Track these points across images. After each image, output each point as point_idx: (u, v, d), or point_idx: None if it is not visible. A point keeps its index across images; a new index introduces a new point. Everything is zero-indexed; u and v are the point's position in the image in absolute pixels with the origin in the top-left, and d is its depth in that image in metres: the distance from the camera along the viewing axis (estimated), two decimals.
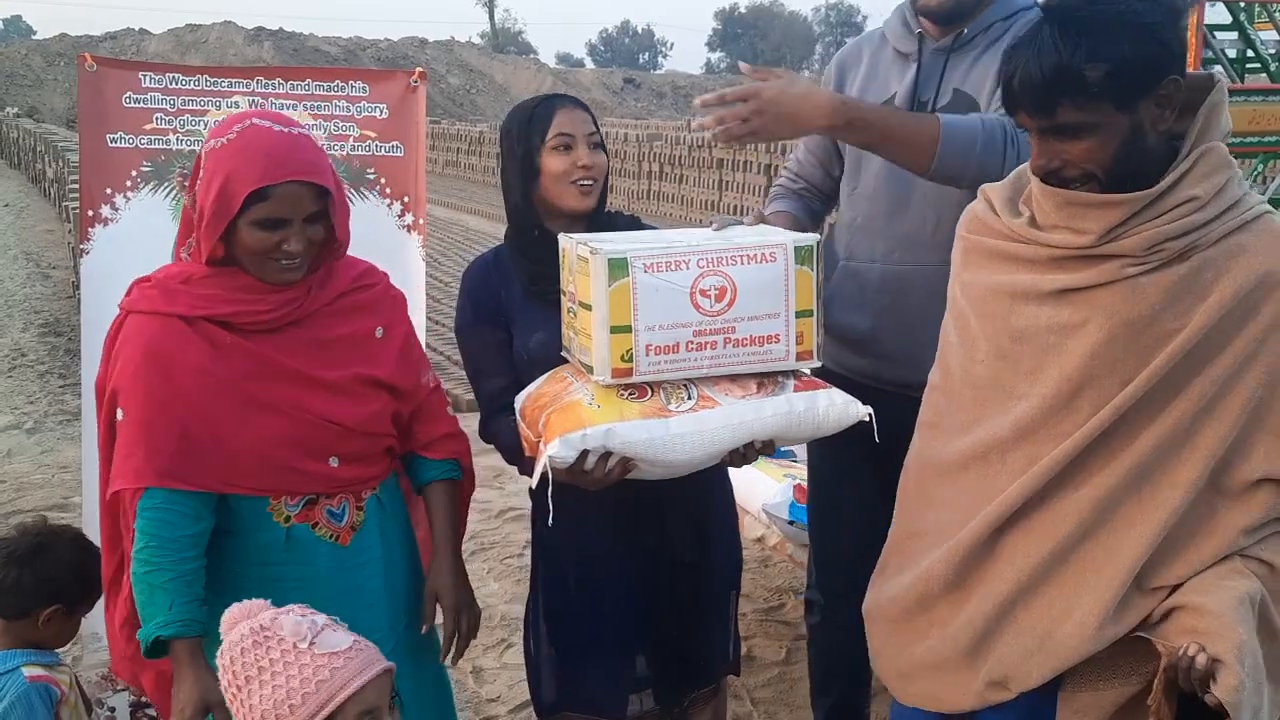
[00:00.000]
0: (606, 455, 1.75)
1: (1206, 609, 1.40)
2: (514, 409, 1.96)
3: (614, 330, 1.74)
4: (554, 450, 1.73)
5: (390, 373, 1.87)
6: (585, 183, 1.98)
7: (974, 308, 1.66)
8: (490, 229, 14.10)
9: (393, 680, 1.49)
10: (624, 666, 2.11)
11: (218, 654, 1.45)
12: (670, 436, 1.76)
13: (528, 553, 4.12)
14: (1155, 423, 1.45)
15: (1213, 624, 1.37)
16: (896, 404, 2.17)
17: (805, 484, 3.00)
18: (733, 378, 1.84)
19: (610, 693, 2.09)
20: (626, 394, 1.79)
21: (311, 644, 1.39)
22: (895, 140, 1.96)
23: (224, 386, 1.71)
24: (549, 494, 1.73)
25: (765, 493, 3.41)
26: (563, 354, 1.95)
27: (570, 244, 1.86)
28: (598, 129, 2.04)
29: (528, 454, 1.91)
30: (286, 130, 1.73)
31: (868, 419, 1.85)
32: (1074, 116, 1.43)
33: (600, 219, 2.06)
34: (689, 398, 1.80)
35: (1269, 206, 1.48)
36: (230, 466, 1.73)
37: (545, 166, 1.98)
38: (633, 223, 2.12)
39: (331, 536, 1.84)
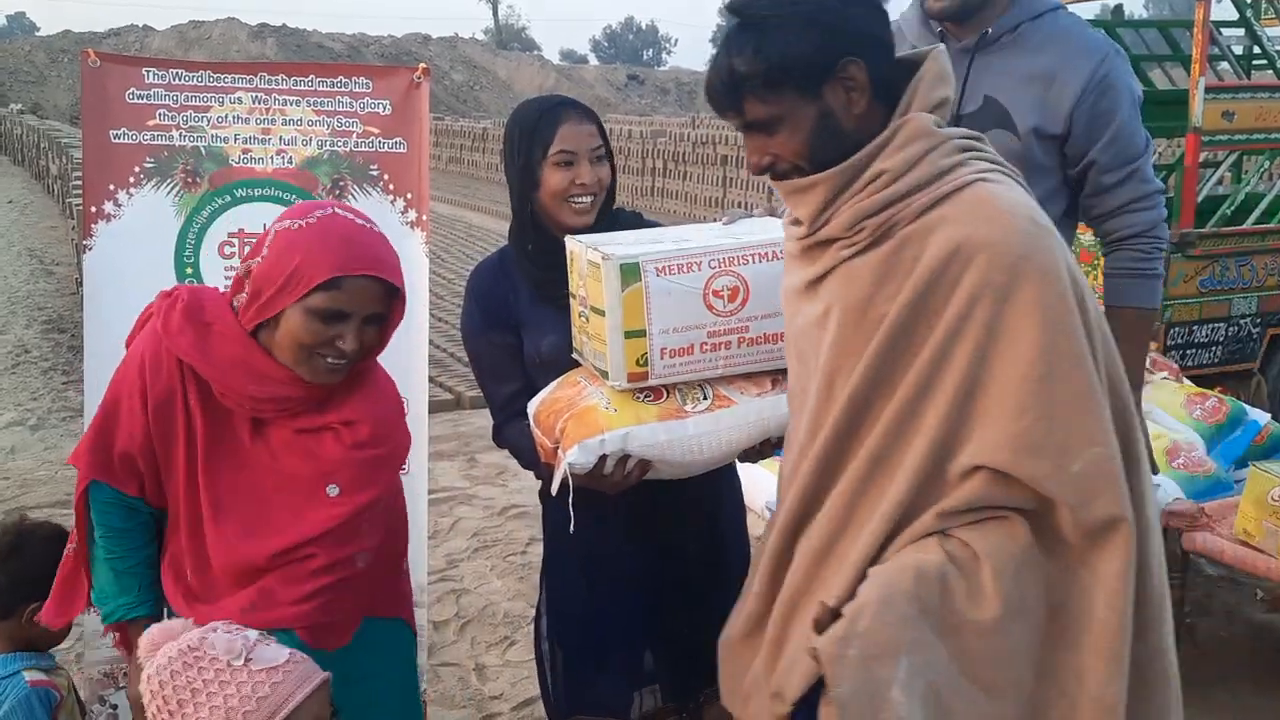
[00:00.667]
0: (625, 458, 1.75)
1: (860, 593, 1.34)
2: (527, 414, 1.95)
3: (628, 335, 1.74)
4: (573, 457, 1.73)
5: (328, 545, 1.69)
6: (582, 200, 1.95)
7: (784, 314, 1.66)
8: (494, 225, 14.10)
9: (330, 691, 1.44)
10: (633, 665, 2.10)
11: (142, 680, 1.36)
12: (688, 437, 1.76)
13: (531, 550, 4.15)
14: (885, 411, 1.39)
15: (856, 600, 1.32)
16: None
17: None
18: (747, 375, 1.84)
19: (620, 693, 2.09)
20: (642, 396, 1.80)
21: (247, 660, 1.34)
22: (1146, 347, 2.31)
23: (172, 430, 1.69)
24: (570, 501, 1.73)
25: (769, 490, 3.39)
26: (574, 356, 1.93)
27: (579, 248, 1.84)
28: (604, 138, 2.00)
29: (544, 460, 1.90)
30: (367, 225, 1.69)
31: None
32: (761, 111, 1.42)
33: (602, 218, 2.04)
34: (705, 398, 1.80)
35: (984, 176, 1.38)
36: (163, 497, 1.74)
37: (545, 181, 1.95)
38: (635, 219, 2.10)
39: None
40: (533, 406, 1.94)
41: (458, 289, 9.63)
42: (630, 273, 1.72)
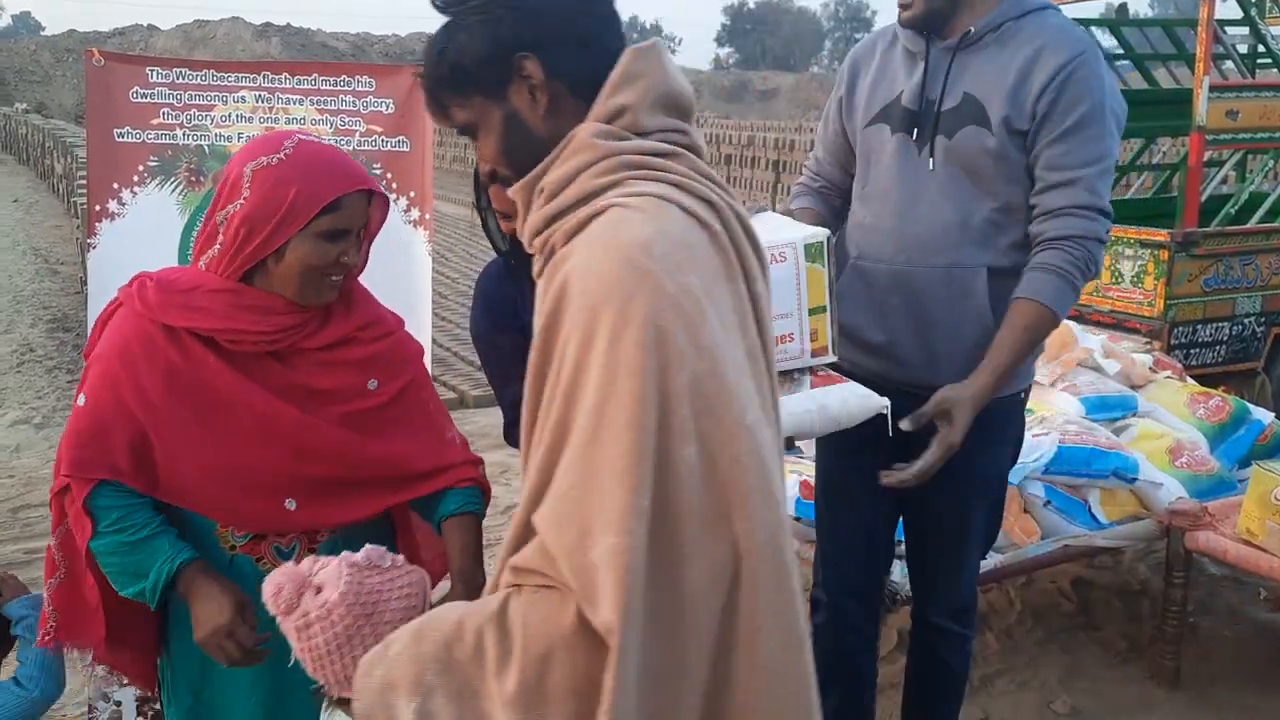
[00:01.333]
0: None
1: None
2: None
3: None
4: None
5: (384, 446, 1.75)
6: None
7: None
8: None
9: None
10: None
11: (311, 611, 1.41)
12: None
13: None
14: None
15: None
16: (908, 404, 2.17)
17: (812, 480, 2.99)
18: None
19: None
20: None
21: (392, 562, 1.48)
22: (1033, 348, 2.13)
23: (184, 404, 1.65)
24: None
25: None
26: None
27: None
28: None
29: None
30: (331, 144, 1.75)
31: (885, 411, 1.85)
32: (461, 116, 1.32)
33: None
34: None
35: (623, 201, 1.22)
36: (177, 483, 1.68)
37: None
38: None
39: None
40: None
41: (461, 288, 9.63)
42: None
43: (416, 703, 1.17)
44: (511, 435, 2.08)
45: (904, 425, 1.99)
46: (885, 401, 1.86)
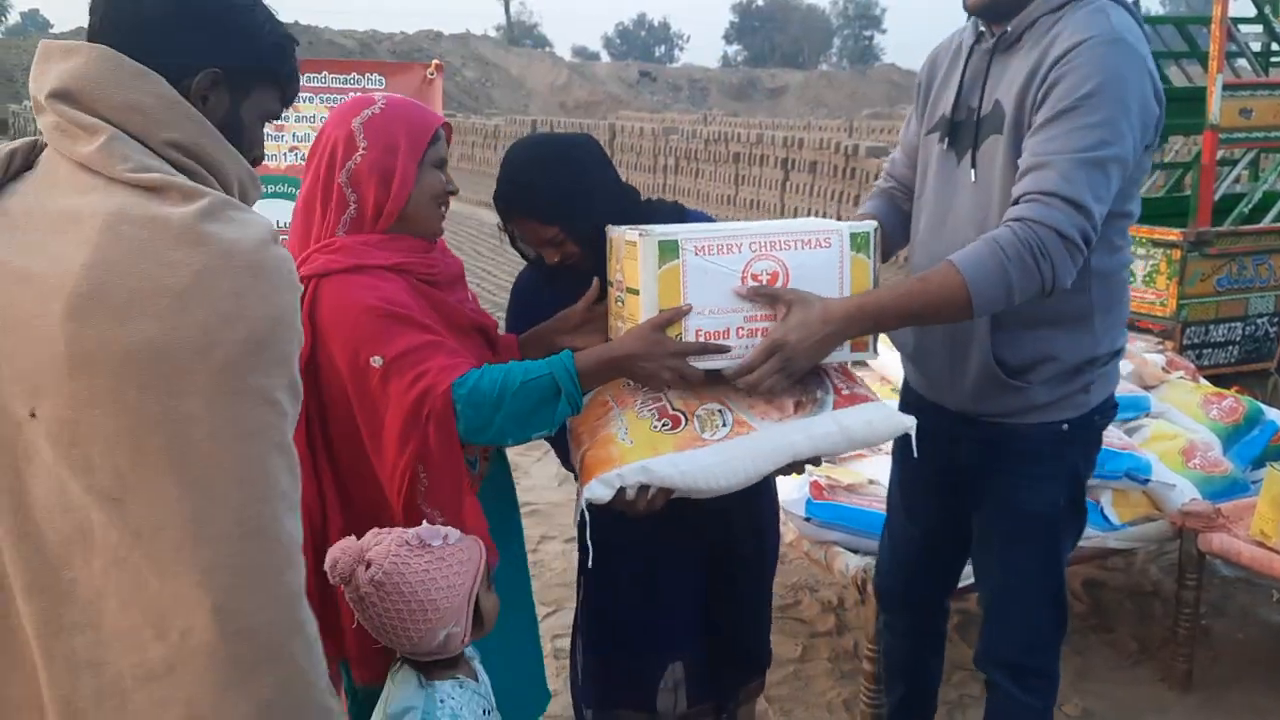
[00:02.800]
0: (646, 486, 1.72)
1: None
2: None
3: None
4: (591, 492, 1.72)
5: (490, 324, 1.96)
6: (558, 265, 1.96)
7: None
8: None
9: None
10: (672, 661, 2.09)
11: (363, 584, 1.50)
12: (707, 466, 1.71)
13: (542, 548, 4.14)
14: None
15: None
16: (953, 420, 2.11)
17: (821, 480, 2.98)
18: (769, 399, 1.77)
19: (650, 688, 2.08)
20: (660, 425, 1.76)
21: (445, 539, 1.56)
22: (927, 315, 1.82)
23: (438, 324, 1.76)
24: (589, 535, 1.72)
25: (783, 489, 3.39)
26: None
27: (617, 233, 1.82)
28: (553, 223, 1.92)
29: (575, 467, 1.90)
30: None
31: (911, 431, 1.78)
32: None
33: (640, 207, 2.00)
34: (724, 425, 1.75)
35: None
36: None
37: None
38: (675, 211, 2.06)
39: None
40: (571, 420, 1.92)
41: (470, 286, 9.63)
42: (668, 250, 1.69)
43: None
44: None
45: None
46: (911, 421, 1.79)
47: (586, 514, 1.72)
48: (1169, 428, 3.40)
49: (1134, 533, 3.08)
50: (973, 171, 1.98)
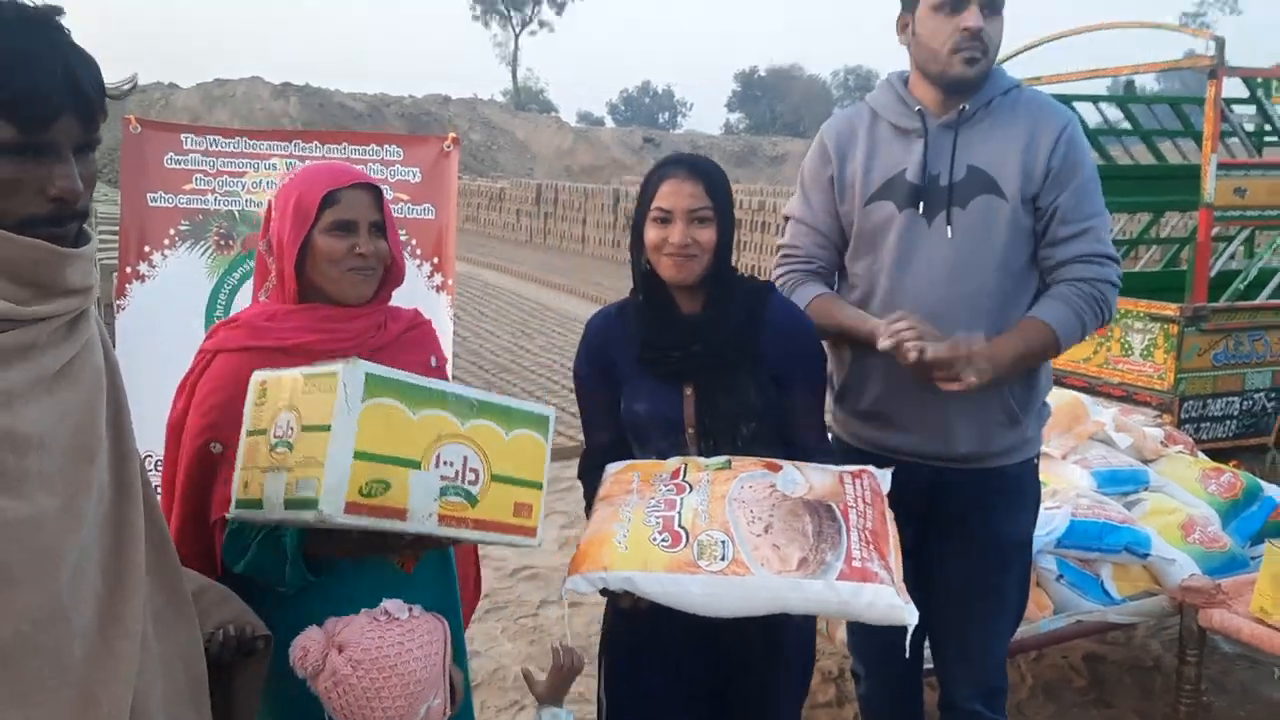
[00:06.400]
0: (629, 592, 1.76)
1: None
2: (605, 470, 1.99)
3: (359, 457, 1.52)
4: (573, 584, 1.77)
5: None
6: (675, 257, 1.94)
7: None
8: (509, 284, 14.23)
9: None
10: None
11: (338, 670, 1.51)
12: (691, 594, 1.71)
13: (542, 612, 4.14)
14: None
15: None
16: (923, 473, 2.19)
17: None
18: (775, 544, 1.75)
19: None
20: (659, 539, 1.76)
21: (410, 612, 1.57)
22: (1030, 361, 2.18)
23: None
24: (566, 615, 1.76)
25: None
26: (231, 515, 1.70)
27: (276, 374, 1.67)
28: (715, 198, 1.95)
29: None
30: (339, 162, 1.96)
31: (909, 625, 1.74)
32: None
33: (722, 284, 2.00)
34: (722, 558, 1.73)
35: None
36: None
37: (646, 237, 1.97)
38: (756, 293, 2.06)
39: (399, 562, 1.83)
40: (606, 474, 1.96)
41: (473, 347, 9.69)
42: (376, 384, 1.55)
43: None
44: (583, 475, 2.13)
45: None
46: (913, 619, 1.73)
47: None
48: (1168, 502, 3.43)
49: (1134, 607, 3.09)
50: (948, 229, 2.18)
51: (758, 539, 1.75)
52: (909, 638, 1.74)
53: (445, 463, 1.61)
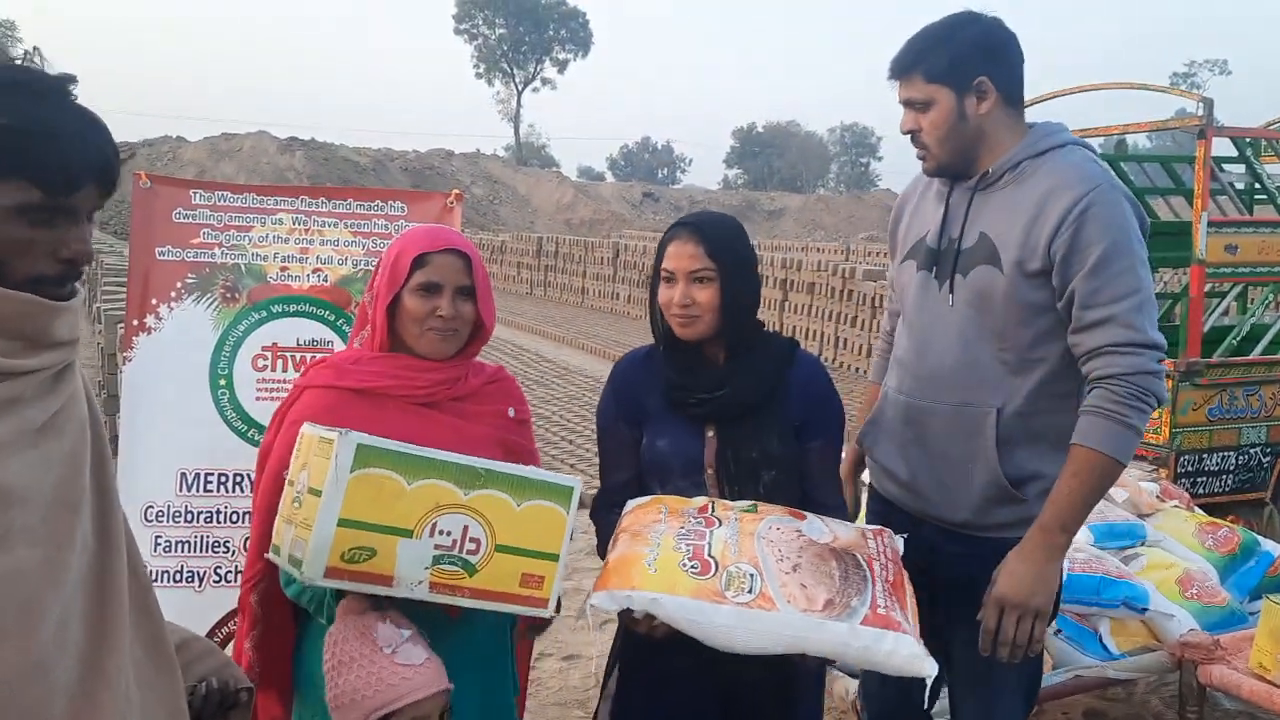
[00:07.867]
0: (651, 615, 1.76)
1: None
2: (622, 509, 2.01)
3: (342, 524, 1.59)
4: (598, 600, 1.79)
5: (516, 443, 2.05)
6: (678, 317, 2.02)
7: None
8: (508, 335, 14.27)
9: (448, 700, 1.66)
10: None
11: (327, 633, 1.68)
12: (713, 623, 1.72)
13: (539, 665, 4.11)
14: None
15: None
16: (932, 534, 2.18)
17: None
18: (803, 584, 1.77)
19: None
20: (689, 565, 1.77)
21: (394, 652, 1.61)
22: (1095, 498, 2.03)
23: None
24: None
25: None
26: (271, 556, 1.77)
27: (311, 430, 1.74)
28: (717, 258, 1.99)
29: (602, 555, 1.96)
30: (443, 225, 2.14)
31: (929, 677, 1.76)
32: None
33: (744, 339, 2.05)
34: (749, 591, 1.74)
35: None
36: None
37: (659, 296, 2.06)
38: (782, 349, 2.10)
39: (445, 607, 1.80)
40: (627, 508, 1.98)
41: None
42: (366, 454, 1.60)
43: None
44: (595, 515, 2.16)
45: (983, 649, 2.00)
46: (932, 670, 1.75)
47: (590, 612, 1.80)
48: (1165, 557, 3.43)
49: (1133, 663, 3.08)
50: (950, 297, 2.15)
51: (786, 576, 1.77)
52: (927, 691, 1.75)
53: (442, 532, 1.66)
